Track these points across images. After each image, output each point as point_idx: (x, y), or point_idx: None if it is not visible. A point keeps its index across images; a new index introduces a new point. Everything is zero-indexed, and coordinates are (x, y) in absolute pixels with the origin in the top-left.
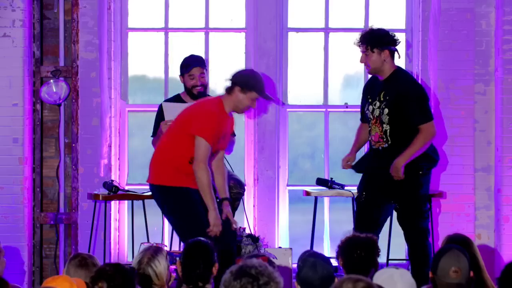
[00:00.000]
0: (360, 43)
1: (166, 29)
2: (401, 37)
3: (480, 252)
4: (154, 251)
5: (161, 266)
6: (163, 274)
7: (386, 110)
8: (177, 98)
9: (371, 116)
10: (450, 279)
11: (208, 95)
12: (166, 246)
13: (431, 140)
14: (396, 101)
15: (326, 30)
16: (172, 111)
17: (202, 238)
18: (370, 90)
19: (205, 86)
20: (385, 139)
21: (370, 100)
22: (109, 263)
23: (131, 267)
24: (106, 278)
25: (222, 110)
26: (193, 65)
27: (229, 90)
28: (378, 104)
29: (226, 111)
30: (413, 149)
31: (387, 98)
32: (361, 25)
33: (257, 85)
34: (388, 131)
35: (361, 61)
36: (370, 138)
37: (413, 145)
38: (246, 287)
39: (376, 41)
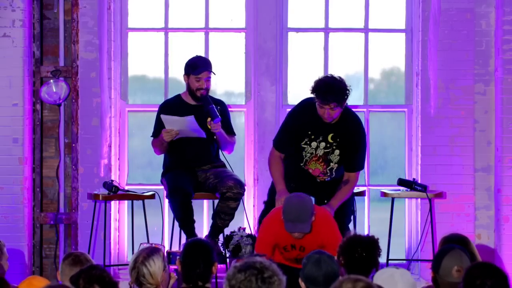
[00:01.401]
0: (336, 104)
1: (166, 29)
2: (401, 37)
3: (480, 252)
4: (150, 250)
5: (155, 265)
6: (158, 274)
7: (337, 151)
8: (177, 99)
9: (312, 152)
10: (453, 279)
11: (211, 97)
12: (164, 246)
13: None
14: (347, 144)
15: (326, 30)
16: (172, 123)
17: (202, 238)
18: (311, 127)
19: (208, 90)
20: (328, 174)
21: (312, 137)
22: (89, 267)
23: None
24: (96, 281)
25: (281, 221)
26: (203, 68)
27: None
28: (324, 144)
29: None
30: (344, 197)
31: (338, 140)
32: (361, 25)
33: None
34: (334, 169)
35: (329, 118)
36: (304, 168)
37: (344, 194)
38: (250, 279)
39: (345, 100)
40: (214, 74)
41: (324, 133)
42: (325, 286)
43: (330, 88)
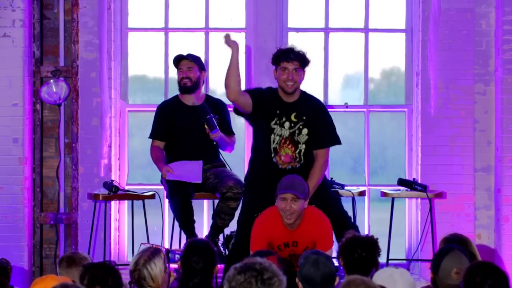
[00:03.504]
0: (294, 61)
1: (166, 29)
2: (401, 37)
3: (480, 252)
4: (152, 253)
5: (157, 268)
6: (158, 277)
7: (305, 131)
8: (175, 99)
9: (281, 134)
10: (452, 280)
11: (210, 96)
12: (164, 248)
13: (326, 168)
14: (314, 121)
15: (326, 30)
16: (179, 165)
17: (202, 241)
18: (278, 106)
19: (192, 81)
20: (298, 159)
21: (281, 117)
22: (95, 264)
23: (111, 260)
24: (99, 283)
25: (275, 217)
26: (181, 57)
27: None
28: (288, 124)
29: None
30: (315, 180)
31: (304, 118)
32: (361, 25)
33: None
34: (303, 151)
35: (292, 84)
36: (273, 160)
37: (314, 178)
38: (250, 281)
39: (306, 62)
40: (198, 65)
41: (286, 113)
42: (323, 286)
43: (291, 49)
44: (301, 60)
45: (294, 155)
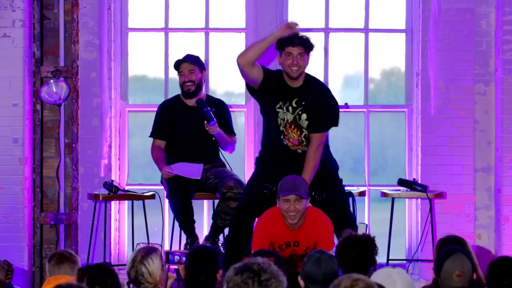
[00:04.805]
0: (299, 45)
1: (166, 29)
2: (401, 37)
3: (480, 253)
4: (148, 250)
5: (154, 264)
6: (156, 273)
7: (304, 116)
8: (176, 99)
9: (284, 118)
10: (454, 283)
11: (211, 97)
12: (161, 246)
13: (322, 150)
14: (314, 106)
15: (326, 30)
16: (179, 166)
17: (208, 245)
18: (281, 90)
19: (195, 84)
20: (304, 143)
21: (284, 101)
22: (93, 266)
23: (107, 262)
24: (99, 283)
25: (276, 217)
26: (181, 60)
27: None
28: (291, 109)
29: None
30: (312, 166)
31: (303, 103)
32: (361, 25)
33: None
34: (306, 135)
35: (295, 63)
36: (283, 142)
37: (309, 167)
38: (246, 282)
39: (311, 46)
40: (199, 67)
41: (290, 98)
42: (324, 285)
43: (296, 35)
44: (306, 45)
45: (300, 138)
